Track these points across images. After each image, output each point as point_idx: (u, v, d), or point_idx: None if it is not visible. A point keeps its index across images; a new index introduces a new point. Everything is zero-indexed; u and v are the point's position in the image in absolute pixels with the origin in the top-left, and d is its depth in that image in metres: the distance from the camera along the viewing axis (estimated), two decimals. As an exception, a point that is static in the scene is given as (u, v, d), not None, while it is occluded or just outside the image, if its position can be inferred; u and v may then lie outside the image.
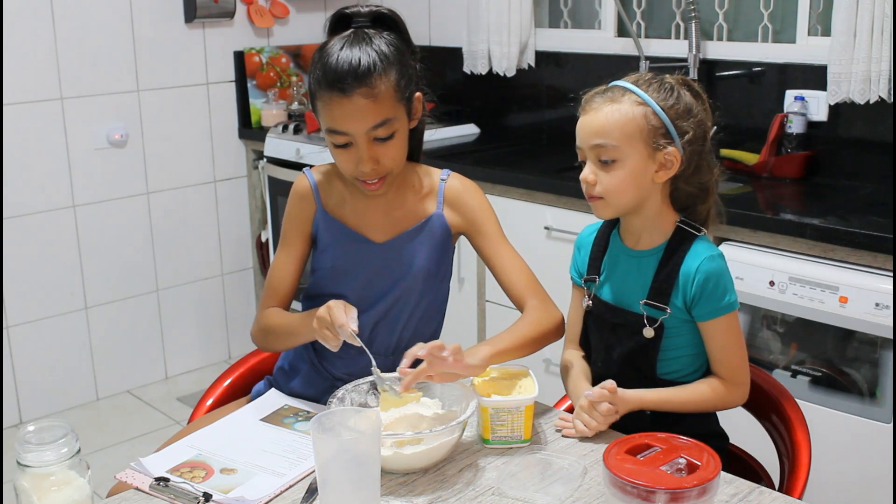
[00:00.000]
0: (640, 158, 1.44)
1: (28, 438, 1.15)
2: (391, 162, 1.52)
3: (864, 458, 2.09)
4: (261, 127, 3.66)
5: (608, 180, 1.45)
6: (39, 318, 3.26)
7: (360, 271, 1.60)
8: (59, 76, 3.17)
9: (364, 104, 1.45)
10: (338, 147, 1.51)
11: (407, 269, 1.60)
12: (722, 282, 1.46)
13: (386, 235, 1.61)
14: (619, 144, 1.43)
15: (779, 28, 2.82)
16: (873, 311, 2.02)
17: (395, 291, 1.60)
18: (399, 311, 1.61)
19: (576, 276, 1.63)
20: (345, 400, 1.43)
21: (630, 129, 1.43)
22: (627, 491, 1.10)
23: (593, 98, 1.49)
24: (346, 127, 1.47)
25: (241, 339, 3.82)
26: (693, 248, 1.47)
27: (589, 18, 3.31)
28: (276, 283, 1.65)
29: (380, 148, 1.50)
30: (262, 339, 1.65)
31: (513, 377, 1.49)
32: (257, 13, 3.65)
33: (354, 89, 1.44)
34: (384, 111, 1.47)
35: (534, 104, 3.42)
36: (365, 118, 1.46)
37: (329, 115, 1.48)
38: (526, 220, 2.73)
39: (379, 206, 1.61)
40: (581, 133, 1.48)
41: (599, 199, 1.47)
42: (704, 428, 1.55)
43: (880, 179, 2.52)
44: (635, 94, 1.44)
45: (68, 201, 3.27)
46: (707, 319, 1.46)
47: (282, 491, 1.31)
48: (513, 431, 1.42)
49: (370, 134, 1.48)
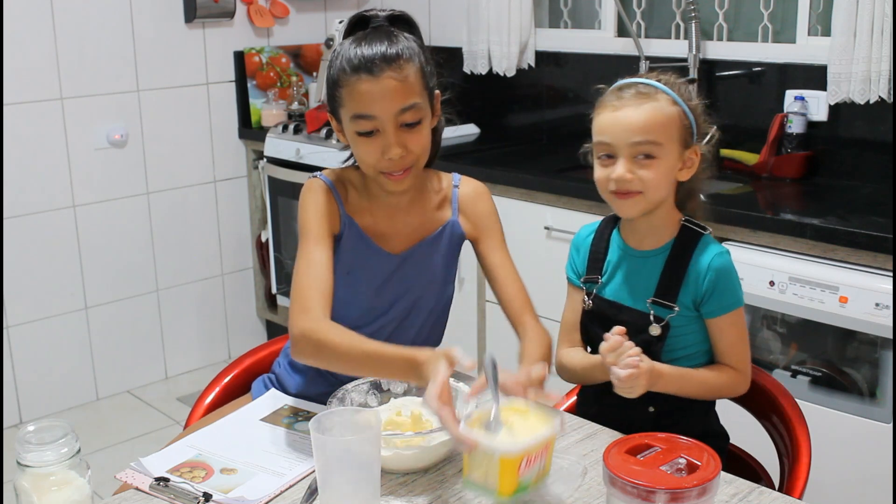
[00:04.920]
0: (675, 156, 1.47)
1: (28, 438, 1.15)
2: (419, 148, 1.49)
3: (864, 458, 2.09)
4: (261, 127, 3.66)
5: (648, 175, 1.45)
6: (39, 318, 3.26)
7: (375, 280, 1.58)
8: (59, 76, 3.17)
9: (394, 85, 1.44)
10: (362, 136, 1.47)
11: (422, 279, 1.59)
12: (732, 279, 1.49)
13: (403, 246, 1.58)
14: (663, 142, 1.45)
15: (779, 28, 2.82)
16: (873, 311, 2.02)
17: (409, 300, 1.59)
18: (413, 319, 1.60)
19: (573, 277, 1.63)
20: (345, 400, 1.43)
21: (670, 128, 1.45)
22: (627, 491, 1.10)
23: (620, 94, 1.47)
24: (375, 110, 1.45)
25: (241, 339, 3.82)
26: (701, 246, 1.49)
27: (589, 18, 3.31)
28: (322, 283, 1.47)
29: (407, 135, 1.47)
30: (314, 353, 1.43)
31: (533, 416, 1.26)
32: (257, 13, 3.65)
33: (384, 70, 1.43)
34: (413, 94, 1.46)
35: (534, 104, 3.42)
36: (394, 99, 1.44)
37: (357, 98, 1.45)
38: (526, 220, 2.73)
39: (396, 215, 1.59)
40: (615, 129, 1.46)
41: (637, 193, 1.46)
42: (706, 427, 1.56)
43: (880, 179, 2.52)
44: (668, 93, 1.46)
45: (68, 201, 3.27)
46: (717, 316, 1.48)
47: (282, 491, 1.31)
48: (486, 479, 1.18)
49: (398, 118, 1.46)
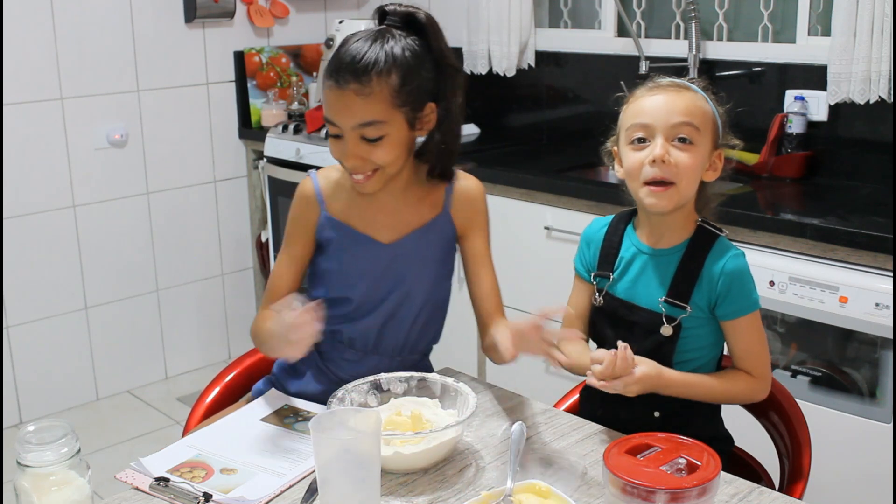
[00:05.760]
0: (707, 152, 1.47)
1: (28, 438, 1.15)
2: (381, 161, 1.50)
3: (864, 458, 2.09)
4: (261, 127, 3.66)
5: (685, 160, 1.43)
6: (39, 318, 3.26)
7: (368, 273, 1.60)
8: (59, 76, 3.17)
9: (354, 100, 1.45)
10: (331, 136, 1.52)
11: (414, 269, 1.60)
12: (747, 281, 1.47)
13: (393, 236, 1.60)
14: (701, 129, 1.45)
15: (779, 28, 2.82)
16: (873, 311, 2.02)
17: (402, 292, 1.60)
18: (406, 312, 1.61)
19: (582, 270, 1.61)
20: (345, 400, 1.43)
21: (707, 121, 1.47)
22: (627, 491, 1.10)
23: (658, 83, 1.48)
24: (336, 118, 1.48)
25: (241, 339, 3.82)
26: (716, 248, 1.48)
27: (589, 18, 3.31)
28: (275, 285, 1.63)
29: (367, 147, 1.48)
30: (255, 342, 1.64)
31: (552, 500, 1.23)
32: (257, 13, 3.65)
33: (349, 83, 1.44)
34: (374, 112, 1.45)
35: (534, 104, 3.42)
36: (353, 114, 1.46)
37: (325, 103, 1.50)
38: (526, 220, 2.73)
39: (386, 207, 1.60)
40: (657, 111, 1.44)
41: (671, 185, 1.44)
42: (711, 431, 1.55)
43: (880, 179, 2.52)
44: (701, 94, 1.47)
45: (68, 201, 3.27)
46: (732, 318, 1.47)
47: (282, 491, 1.31)
48: None
49: (357, 131, 1.47)
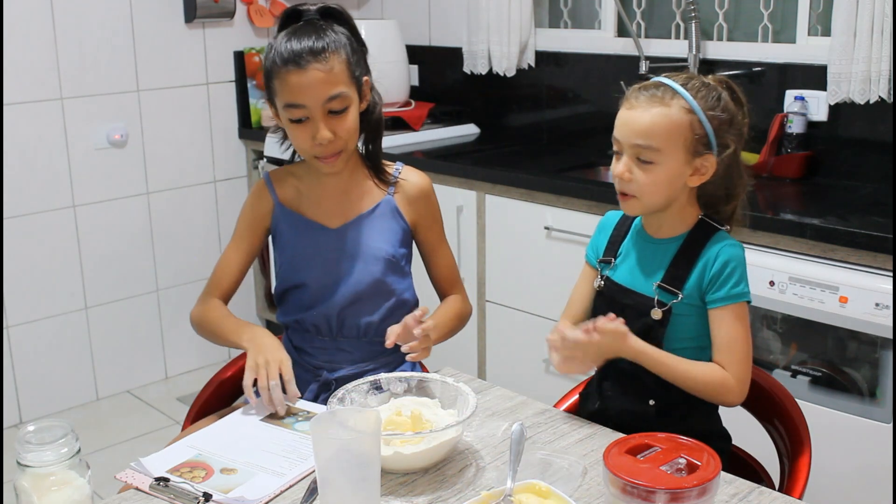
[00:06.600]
0: (678, 163, 1.46)
1: (28, 438, 1.15)
2: (346, 133, 1.63)
3: (864, 458, 2.09)
4: (261, 127, 3.66)
5: (644, 179, 1.46)
6: (39, 318, 3.26)
7: (318, 258, 1.70)
8: (59, 76, 3.17)
9: (320, 77, 1.58)
10: (294, 122, 1.62)
11: (363, 252, 1.70)
12: (739, 269, 1.48)
13: (340, 220, 1.72)
14: (662, 148, 1.44)
15: (779, 28, 2.82)
16: (873, 311, 2.02)
17: (354, 275, 1.70)
18: (362, 295, 1.70)
19: (591, 257, 1.64)
20: (345, 400, 1.43)
21: (675, 136, 1.44)
22: (627, 491, 1.10)
23: (639, 93, 1.48)
24: (303, 99, 1.58)
25: (241, 339, 3.82)
26: (714, 239, 1.50)
27: (589, 18, 3.31)
28: (221, 275, 1.77)
29: (335, 121, 1.61)
30: (199, 328, 1.78)
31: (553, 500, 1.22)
32: (257, 13, 3.66)
33: (310, 63, 1.57)
34: (339, 84, 1.60)
35: (534, 104, 3.42)
36: (320, 89, 1.58)
37: (287, 89, 1.59)
38: (526, 220, 2.73)
39: (333, 194, 1.73)
40: (623, 128, 1.47)
41: (632, 197, 1.49)
42: (709, 427, 1.55)
43: (880, 179, 2.52)
44: (686, 100, 1.45)
45: (68, 201, 3.27)
46: (718, 306, 1.47)
47: (282, 491, 1.31)
48: None
49: (325, 106, 1.59)
